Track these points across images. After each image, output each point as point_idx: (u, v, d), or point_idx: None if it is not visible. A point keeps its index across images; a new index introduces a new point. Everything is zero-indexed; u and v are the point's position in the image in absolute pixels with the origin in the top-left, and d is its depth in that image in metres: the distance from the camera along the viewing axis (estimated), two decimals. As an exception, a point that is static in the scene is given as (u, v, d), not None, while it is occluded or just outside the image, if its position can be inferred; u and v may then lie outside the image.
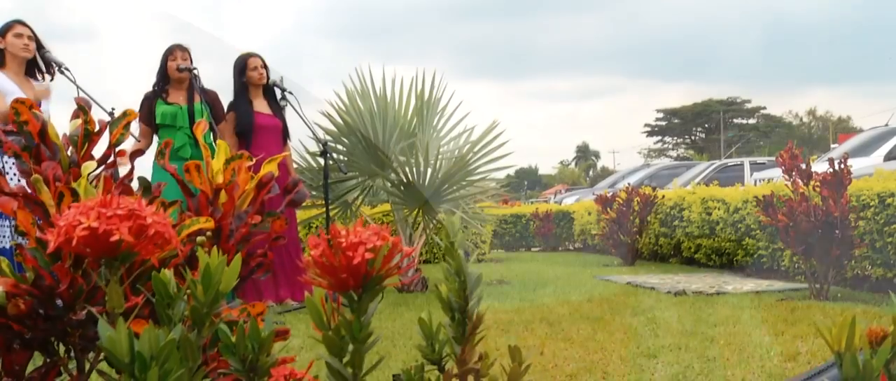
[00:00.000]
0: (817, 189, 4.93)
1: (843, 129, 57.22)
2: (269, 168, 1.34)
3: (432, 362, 0.86)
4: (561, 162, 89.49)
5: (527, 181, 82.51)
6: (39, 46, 4.50)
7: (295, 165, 6.10)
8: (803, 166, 5.04)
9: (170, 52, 5.08)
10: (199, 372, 0.73)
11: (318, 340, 0.76)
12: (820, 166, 5.51)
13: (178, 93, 5.08)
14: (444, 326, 0.85)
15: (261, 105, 5.39)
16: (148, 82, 5.15)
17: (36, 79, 4.54)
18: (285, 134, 5.49)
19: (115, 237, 0.68)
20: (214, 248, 0.73)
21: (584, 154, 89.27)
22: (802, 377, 0.91)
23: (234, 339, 0.77)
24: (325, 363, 0.76)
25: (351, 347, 0.75)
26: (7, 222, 4.17)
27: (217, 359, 0.96)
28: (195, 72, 5.02)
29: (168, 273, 0.72)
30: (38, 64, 4.50)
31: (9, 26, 4.43)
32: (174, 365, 0.65)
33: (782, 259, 6.41)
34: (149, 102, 5.01)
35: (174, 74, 5.03)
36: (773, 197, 5.28)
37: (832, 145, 22.36)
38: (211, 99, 5.12)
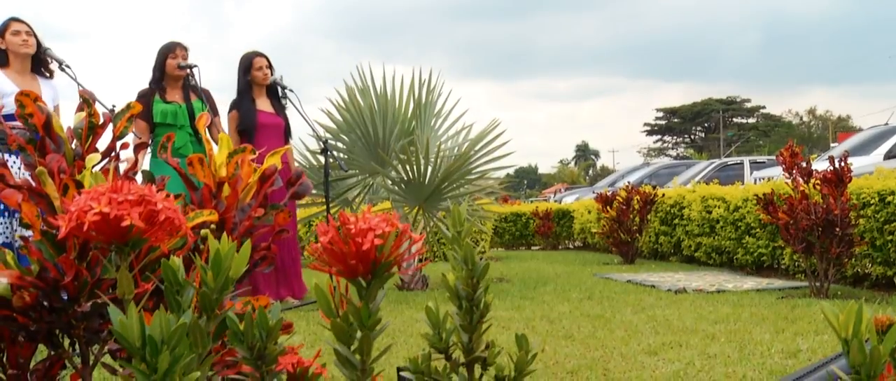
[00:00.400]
0: (818, 187, 4.93)
1: (843, 128, 57.26)
2: (273, 161, 1.34)
3: (439, 350, 0.86)
4: (560, 161, 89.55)
5: (526, 180, 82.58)
6: (39, 45, 4.49)
7: (295, 164, 6.10)
8: (804, 164, 5.04)
9: (171, 50, 5.07)
10: (208, 360, 0.73)
11: (325, 327, 0.77)
12: (820, 165, 5.52)
13: (175, 91, 5.08)
14: (451, 315, 0.85)
15: (264, 104, 5.41)
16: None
17: (44, 76, 4.53)
18: (287, 133, 5.50)
19: (127, 222, 0.68)
20: (224, 234, 0.73)
21: (584, 153, 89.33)
22: (810, 368, 0.91)
23: (242, 328, 0.77)
24: (334, 351, 0.76)
25: (359, 334, 0.75)
26: (3, 219, 4.16)
27: (223, 350, 0.96)
28: (196, 69, 5.02)
29: (177, 260, 0.73)
30: (43, 61, 4.50)
31: (5, 25, 4.41)
32: (184, 350, 0.65)
33: (782, 257, 6.41)
34: (146, 99, 4.99)
35: (174, 71, 5.02)
36: (773, 195, 5.29)
37: (832, 144, 22.38)
38: (205, 98, 5.13)
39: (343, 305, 0.75)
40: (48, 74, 4.55)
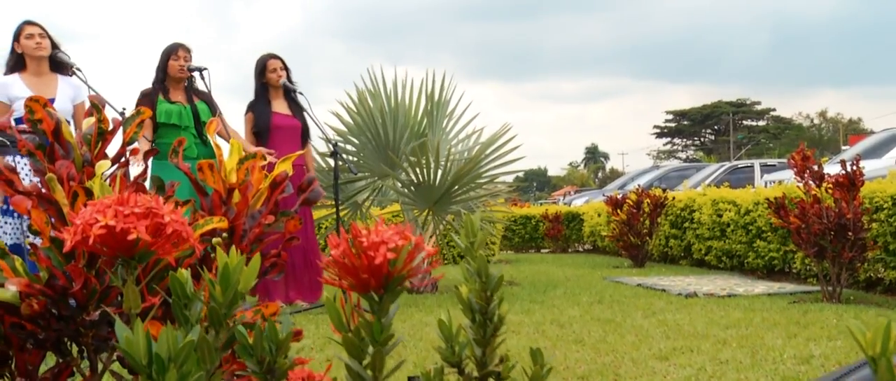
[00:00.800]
0: (830, 191, 4.89)
1: (854, 130, 56.99)
2: (284, 167, 1.33)
3: (452, 364, 0.84)
4: (570, 164, 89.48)
5: (536, 182, 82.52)
6: (54, 46, 4.51)
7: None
8: (815, 168, 5.01)
9: (173, 51, 5.07)
10: (217, 374, 0.72)
11: (335, 340, 0.75)
12: (831, 168, 5.48)
13: (178, 92, 5.09)
14: (464, 328, 0.84)
15: (280, 106, 5.41)
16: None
17: (66, 75, 4.54)
18: (305, 135, 5.50)
19: (133, 236, 0.67)
20: (233, 247, 0.72)
21: (593, 156, 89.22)
22: (830, 377, 0.89)
23: (251, 340, 0.76)
24: (345, 366, 0.75)
25: (371, 349, 0.73)
26: (13, 219, 4.17)
27: (232, 361, 0.95)
28: (206, 72, 5.03)
29: (185, 273, 0.71)
30: (64, 62, 4.51)
31: (19, 29, 4.45)
32: (192, 367, 0.63)
33: (794, 261, 6.36)
34: (150, 99, 4.99)
35: (176, 73, 5.02)
36: (784, 199, 5.25)
37: (843, 147, 22.26)
38: (208, 99, 5.13)
39: (354, 318, 0.74)
40: (70, 74, 4.57)
